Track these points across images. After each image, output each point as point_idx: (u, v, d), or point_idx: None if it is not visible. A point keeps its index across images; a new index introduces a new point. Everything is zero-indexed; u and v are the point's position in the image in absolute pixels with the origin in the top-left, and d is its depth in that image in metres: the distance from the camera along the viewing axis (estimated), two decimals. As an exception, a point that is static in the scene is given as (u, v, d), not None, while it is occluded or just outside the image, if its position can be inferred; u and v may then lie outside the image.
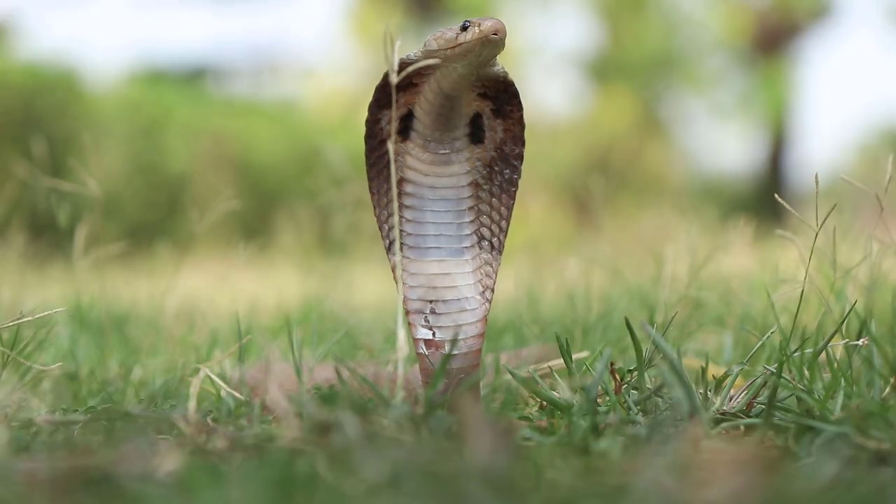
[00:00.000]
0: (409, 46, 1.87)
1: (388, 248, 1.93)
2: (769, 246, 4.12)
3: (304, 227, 5.22)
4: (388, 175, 1.92)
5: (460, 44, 1.80)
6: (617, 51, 18.93)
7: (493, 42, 1.80)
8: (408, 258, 1.91)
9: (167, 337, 3.12)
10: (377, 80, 1.93)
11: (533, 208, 14.65)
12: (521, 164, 1.96)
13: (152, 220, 12.81)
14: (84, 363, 2.71)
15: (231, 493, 1.28)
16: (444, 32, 1.83)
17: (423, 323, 1.89)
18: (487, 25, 1.79)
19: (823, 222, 2.03)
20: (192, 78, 19.94)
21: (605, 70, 19.17)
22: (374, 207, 1.95)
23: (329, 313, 3.51)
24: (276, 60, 22.47)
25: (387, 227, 1.93)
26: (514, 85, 1.92)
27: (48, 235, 3.94)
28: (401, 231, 1.91)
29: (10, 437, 1.69)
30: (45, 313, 2.19)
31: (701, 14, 18.99)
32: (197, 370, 2.06)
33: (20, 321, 2.12)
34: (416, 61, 1.85)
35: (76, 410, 1.99)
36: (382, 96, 1.92)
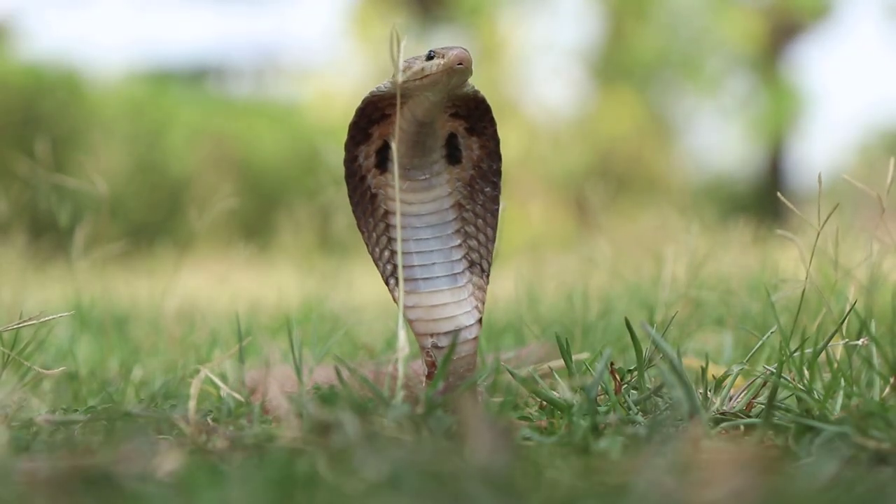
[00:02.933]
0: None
1: (387, 283, 1.92)
2: (769, 246, 4.12)
3: (305, 227, 5.22)
4: (374, 210, 1.92)
5: (427, 75, 1.80)
6: (620, 51, 18.93)
7: (460, 71, 1.79)
8: (405, 291, 1.90)
9: (167, 337, 3.12)
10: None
11: (534, 208, 14.65)
12: (499, 180, 1.95)
13: (153, 220, 12.82)
14: (84, 363, 2.72)
15: (231, 493, 1.28)
16: (411, 63, 1.81)
17: (427, 358, 1.89)
18: (452, 56, 1.78)
19: (825, 222, 2.03)
20: (194, 78, 19.94)
21: (608, 70, 19.18)
22: (367, 245, 1.93)
23: (329, 313, 3.51)
24: (278, 61, 22.48)
25: (382, 263, 1.92)
26: (485, 101, 1.91)
27: (49, 235, 3.94)
28: (395, 266, 1.90)
29: (10, 437, 1.69)
30: (50, 317, 2.19)
31: (703, 15, 19.00)
32: (197, 370, 2.06)
33: (25, 324, 2.12)
34: (387, 92, 1.85)
35: (76, 410, 1.99)
36: (357, 133, 1.91)
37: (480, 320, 1.92)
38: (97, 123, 13.21)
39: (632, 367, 1.92)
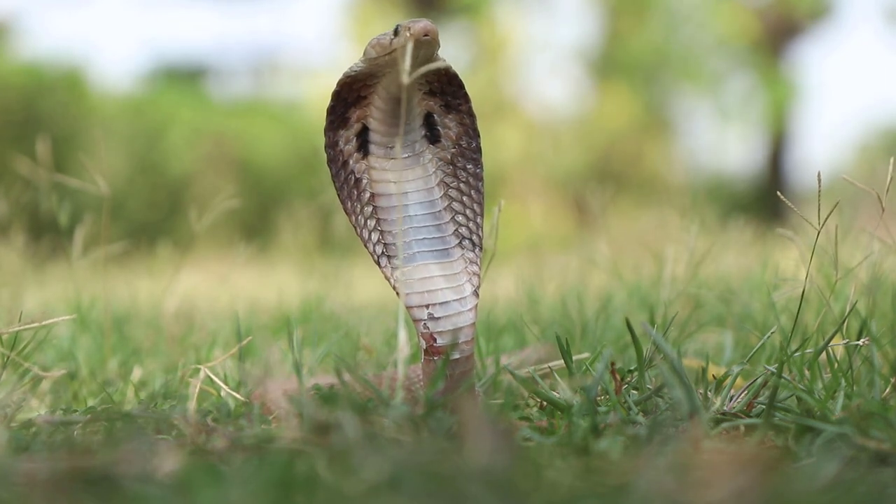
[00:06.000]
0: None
1: (378, 262, 1.93)
2: (769, 245, 4.12)
3: (305, 227, 5.22)
4: (360, 194, 1.94)
5: (395, 49, 1.82)
6: (619, 50, 18.93)
7: (426, 43, 1.81)
8: (396, 267, 1.91)
9: (167, 337, 3.12)
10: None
11: (533, 208, 14.65)
12: (480, 156, 1.97)
13: (153, 220, 12.82)
14: (84, 363, 2.71)
15: (231, 493, 1.28)
16: (381, 39, 1.84)
17: (424, 329, 1.89)
18: (417, 28, 1.81)
19: (825, 221, 2.03)
20: (194, 78, 19.94)
21: (607, 69, 19.17)
22: (355, 227, 1.96)
23: (329, 313, 3.51)
24: (277, 60, 22.48)
25: (371, 244, 1.94)
26: (458, 76, 1.93)
27: (49, 235, 3.94)
28: (386, 244, 1.92)
29: (10, 437, 1.69)
30: (52, 320, 2.19)
31: (702, 13, 19.00)
32: (197, 370, 2.06)
33: (26, 328, 2.12)
34: (360, 72, 1.87)
35: (76, 410, 1.99)
36: (335, 118, 1.93)
37: (477, 292, 1.92)
38: (97, 123, 13.20)
39: (632, 368, 1.92)
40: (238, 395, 2.02)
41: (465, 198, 1.95)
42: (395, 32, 1.83)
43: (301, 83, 20.60)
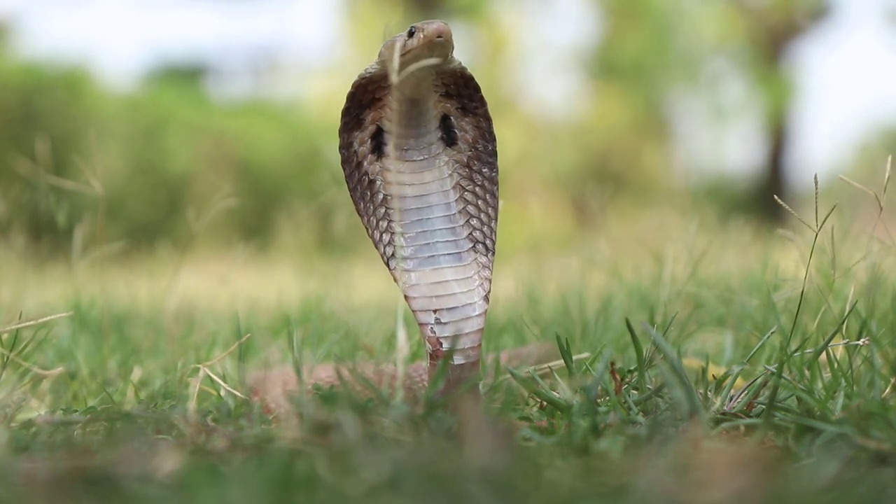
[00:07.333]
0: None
1: (388, 264, 1.93)
2: (769, 246, 4.12)
3: (305, 227, 5.22)
4: (373, 195, 1.93)
5: (409, 50, 1.81)
6: (617, 51, 18.93)
7: (440, 44, 1.81)
8: (407, 270, 1.91)
9: (167, 337, 3.12)
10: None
11: (533, 208, 14.65)
12: (496, 160, 1.97)
13: (153, 220, 12.82)
14: (84, 363, 2.71)
15: (231, 493, 1.28)
16: (395, 41, 1.84)
17: (430, 334, 1.89)
18: (431, 30, 1.81)
19: (823, 222, 2.03)
20: (193, 78, 19.94)
21: (605, 70, 19.18)
22: (366, 228, 1.95)
23: (329, 313, 3.51)
24: (277, 60, 22.48)
25: (382, 246, 1.93)
26: (473, 79, 1.93)
27: (49, 235, 3.94)
28: (396, 247, 1.91)
29: (10, 437, 1.69)
30: (50, 317, 2.19)
31: (697, 14, 19.01)
32: (197, 370, 2.06)
33: (24, 325, 2.12)
34: (375, 73, 1.87)
35: (76, 410, 1.99)
36: (349, 119, 1.93)
37: (487, 297, 1.92)
38: (97, 122, 13.20)
39: (632, 368, 1.92)
40: (238, 394, 2.02)
41: (480, 201, 1.95)
42: (410, 34, 1.82)
43: (301, 83, 20.60)
